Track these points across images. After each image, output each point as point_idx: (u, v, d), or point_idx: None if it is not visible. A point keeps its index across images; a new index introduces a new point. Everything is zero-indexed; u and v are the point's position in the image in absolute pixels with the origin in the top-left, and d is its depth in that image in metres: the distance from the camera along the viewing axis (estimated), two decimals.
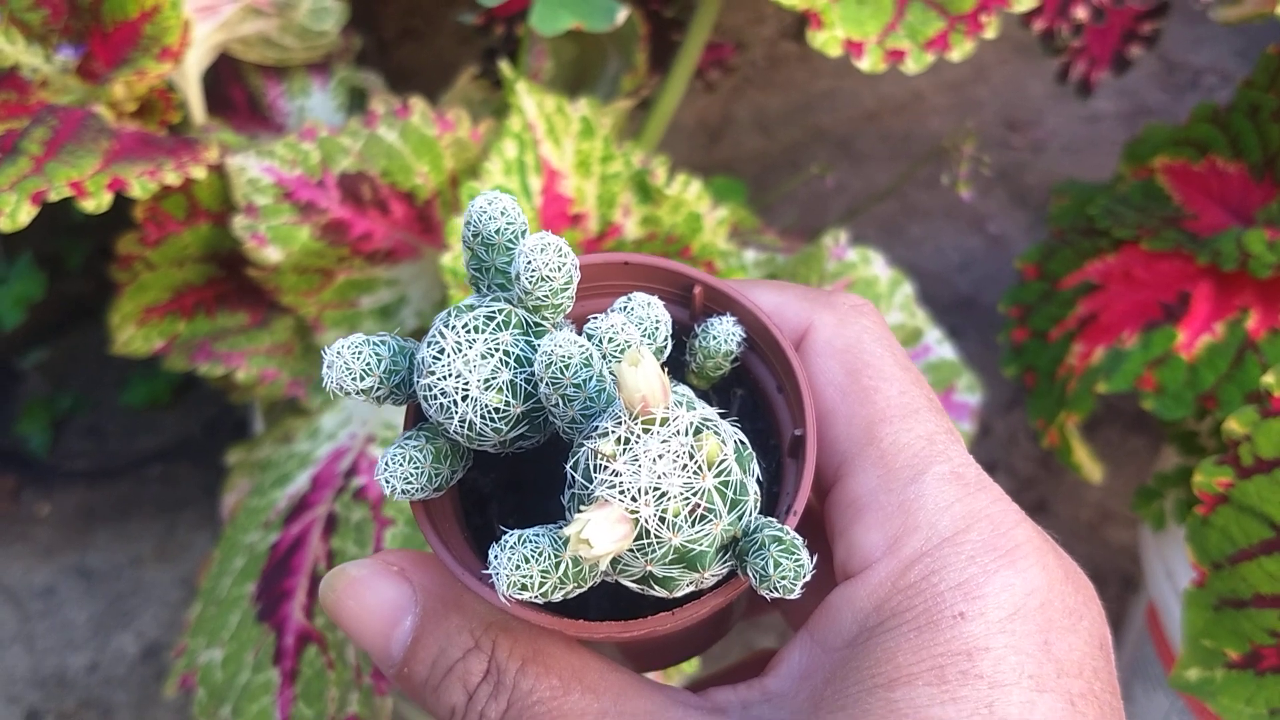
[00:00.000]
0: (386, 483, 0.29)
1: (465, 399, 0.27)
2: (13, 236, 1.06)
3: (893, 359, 0.32)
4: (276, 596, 0.68)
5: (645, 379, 0.25)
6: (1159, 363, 0.73)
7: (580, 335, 0.28)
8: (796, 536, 0.27)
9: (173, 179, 0.61)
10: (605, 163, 0.72)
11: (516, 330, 0.28)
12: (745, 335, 0.33)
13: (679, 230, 0.73)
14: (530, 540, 0.26)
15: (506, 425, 0.28)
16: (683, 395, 0.27)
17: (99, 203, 0.58)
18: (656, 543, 0.26)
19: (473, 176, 0.71)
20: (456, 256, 0.66)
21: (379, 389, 0.29)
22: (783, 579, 0.26)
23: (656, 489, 0.25)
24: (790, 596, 0.26)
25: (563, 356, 0.26)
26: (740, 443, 0.28)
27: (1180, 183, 0.81)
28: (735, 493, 0.27)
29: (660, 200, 0.72)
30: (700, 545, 0.26)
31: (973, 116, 1.37)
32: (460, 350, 0.27)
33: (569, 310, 0.29)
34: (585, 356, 0.26)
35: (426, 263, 0.76)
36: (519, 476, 0.34)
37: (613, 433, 0.26)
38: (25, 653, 1.04)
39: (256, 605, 0.68)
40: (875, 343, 0.33)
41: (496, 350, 0.28)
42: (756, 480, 0.28)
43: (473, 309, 0.28)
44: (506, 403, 0.28)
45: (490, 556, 0.26)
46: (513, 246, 0.29)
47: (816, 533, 0.33)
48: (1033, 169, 1.34)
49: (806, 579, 0.27)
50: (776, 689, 0.31)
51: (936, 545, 0.29)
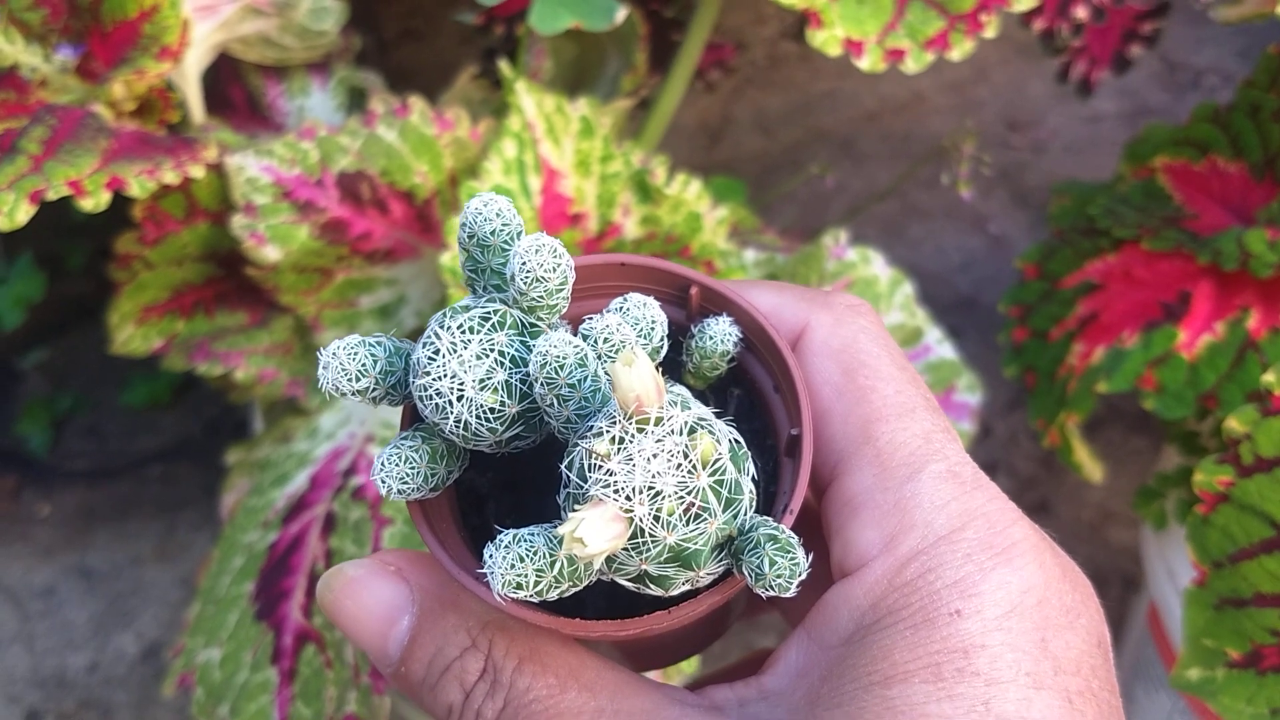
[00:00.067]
0: (383, 483, 0.29)
1: (460, 399, 0.27)
2: (13, 236, 1.06)
3: (889, 358, 0.32)
4: (275, 596, 0.68)
5: (639, 379, 0.25)
6: (1160, 362, 0.73)
7: (576, 336, 0.28)
8: (792, 535, 0.27)
9: (171, 178, 0.61)
10: (605, 162, 0.71)
11: (512, 331, 0.28)
12: (742, 335, 0.33)
13: (679, 230, 0.73)
14: (525, 539, 0.26)
15: (502, 425, 0.28)
16: (678, 395, 0.27)
17: (97, 202, 0.58)
18: (651, 541, 0.26)
19: (472, 176, 0.71)
20: (455, 256, 0.66)
21: (375, 390, 0.29)
22: (778, 577, 0.26)
23: (651, 488, 0.25)
24: (786, 595, 0.27)
25: (557, 357, 0.26)
26: (735, 442, 0.28)
27: (1181, 182, 0.81)
28: (730, 491, 0.27)
29: (660, 200, 0.72)
30: (695, 544, 0.26)
31: (973, 116, 1.37)
32: (455, 351, 0.27)
33: (564, 311, 0.29)
34: (580, 357, 0.26)
35: (426, 262, 0.76)
36: (516, 476, 0.34)
37: (607, 432, 0.26)
38: (25, 653, 1.04)
39: (255, 604, 0.68)
40: (871, 342, 0.33)
41: (492, 351, 0.28)
42: (752, 479, 0.28)
43: (468, 310, 0.28)
44: (502, 403, 0.28)
45: (486, 556, 0.26)
46: (508, 248, 0.29)
47: (813, 531, 0.33)
48: (1033, 169, 1.34)
49: (802, 577, 0.27)
50: (773, 687, 0.31)
51: (933, 543, 0.29)
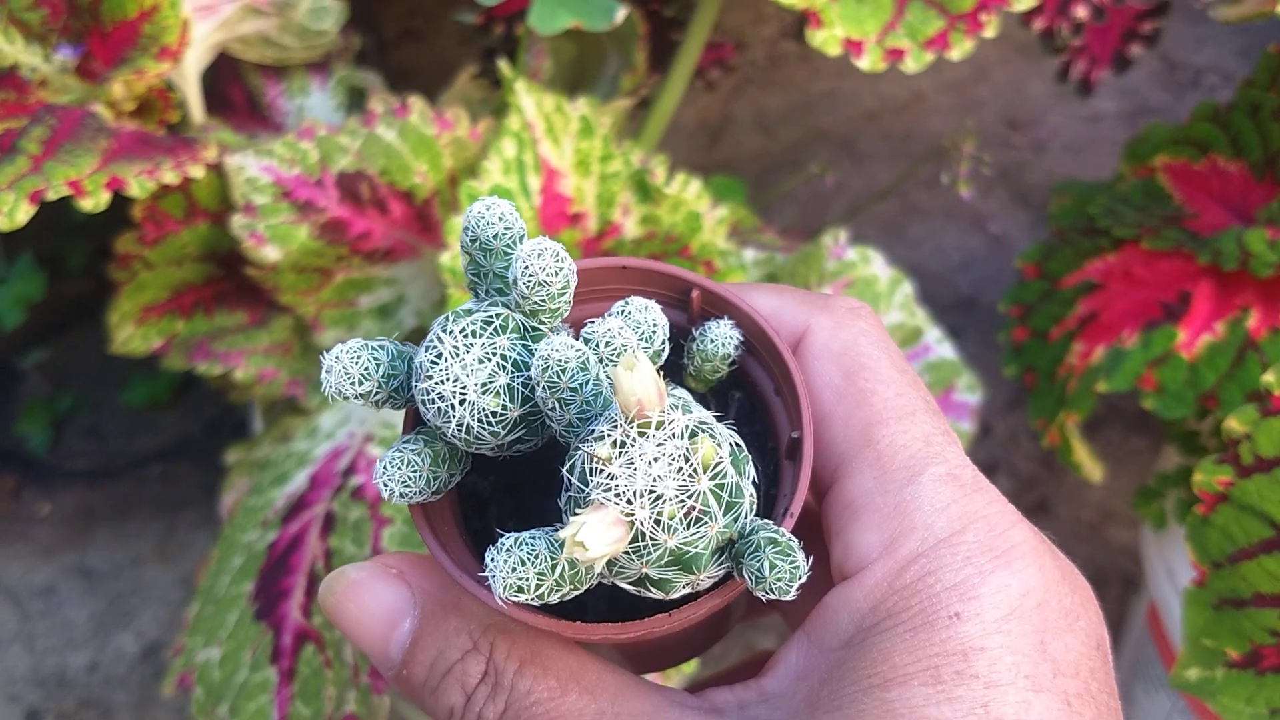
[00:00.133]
0: (385, 486, 0.29)
1: (463, 403, 0.27)
2: (13, 236, 1.06)
3: (889, 361, 0.32)
4: (274, 595, 0.68)
5: (641, 383, 0.25)
6: (1159, 362, 0.73)
7: (577, 339, 0.28)
8: (792, 538, 0.27)
9: (171, 178, 0.61)
10: (604, 162, 0.71)
11: (514, 334, 0.28)
12: (742, 338, 0.33)
13: (678, 229, 0.73)
14: (526, 543, 0.26)
15: (504, 429, 0.28)
16: (679, 399, 0.27)
17: (97, 202, 0.58)
18: (652, 545, 0.26)
19: (471, 176, 0.71)
20: (455, 256, 0.66)
21: (377, 393, 0.29)
22: (778, 581, 0.26)
23: (652, 492, 0.25)
24: (786, 598, 0.27)
25: (559, 360, 0.26)
26: (736, 445, 0.28)
27: (1181, 182, 0.81)
28: (731, 495, 0.27)
29: (660, 199, 0.72)
30: (696, 547, 0.26)
31: (973, 116, 1.37)
32: (458, 355, 0.27)
33: (566, 314, 0.29)
34: (582, 360, 0.26)
35: (425, 262, 0.76)
36: (518, 479, 0.34)
37: (608, 436, 0.26)
38: (25, 652, 1.05)
39: (254, 604, 0.68)
40: (872, 345, 0.33)
41: (494, 354, 0.28)
42: (753, 483, 0.28)
43: (470, 313, 0.28)
44: (504, 406, 0.28)
45: (487, 559, 0.26)
46: (510, 251, 0.29)
47: (814, 534, 0.33)
48: (1034, 168, 1.34)
49: (802, 581, 0.27)
50: (773, 689, 0.31)
51: (933, 546, 0.29)
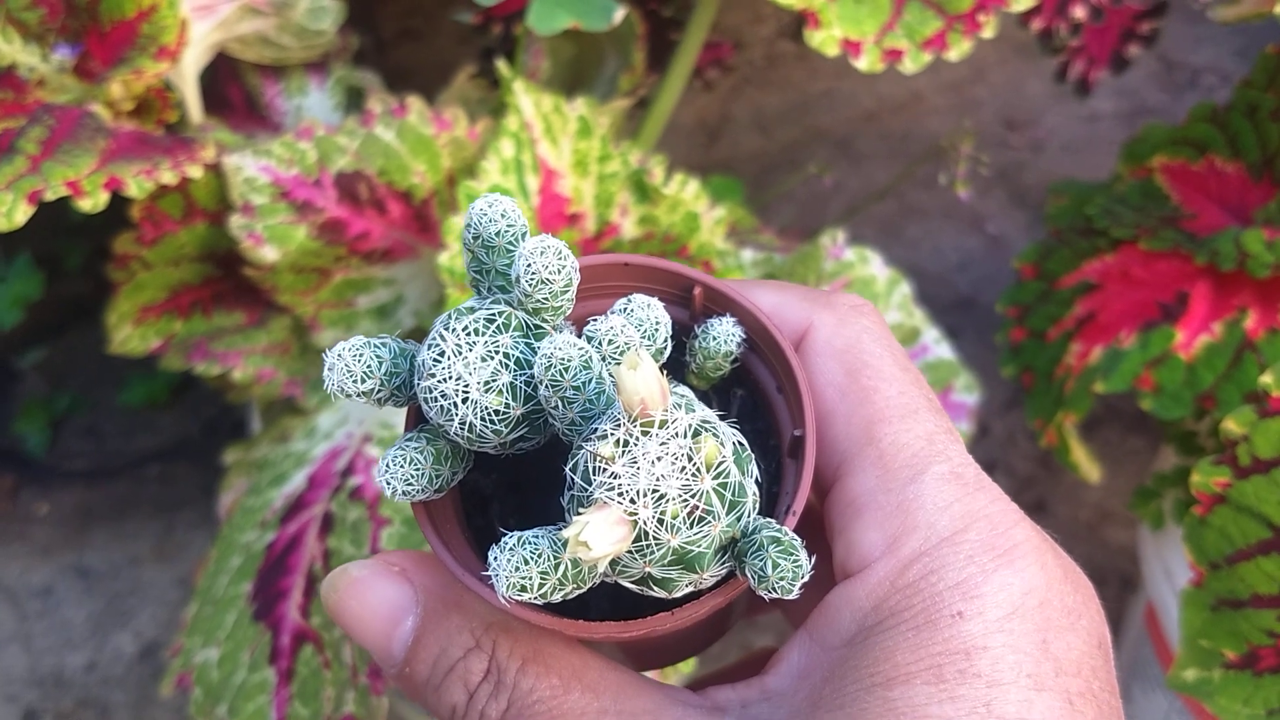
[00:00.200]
0: (387, 484, 0.29)
1: (465, 401, 0.27)
2: (11, 236, 1.06)
3: (892, 359, 0.32)
4: (273, 596, 0.68)
5: (644, 382, 0.25)
6: (1157, 362, 0.73)
7: (580, 337, 0.28)
8: (795, 537, 0.27)
9: (169, 178, 0.61)
10: (603, 162, 0.71)
11: (517, 332, 0.28)
12: (745, 336, 0.33)
13: (676, 230, 0.73)
14: (529, 542, 0.26)
15: (507, 427, 0.28)
16: (682, 397, 0.27)
17: (95, 202, 0.58)
18: (655, 544, 0.26)
19: (470, 176, 0.71)
20: (453, 256, 0.66)
21: (380, 391, 0.29)
22: (781, 580, 0.26)
23: (655, 491, 0.25)
24: (789, 597, 0.27)
25: (562, 359, 0.26)
26: (739, 444, 0.28)
27: (1178, 182, 0.81)
28: (734, 494, 0.27)
29: (658, 200, 0.72)
30: (698, 547, 0.26)
31: (971, 116, 1.37)
32: (460, 353, 0.27)
33: (569, 312, 0.29)
34: (584, 359, 0.26)
35: (423, 262, 0.76)
36: (520, 477, 0.34)
37: (611, 435, 0.26)
38: (23, 652, 1.04)
39: (253, 604, 0.68)
40: (875, 343, 0.33)
41: (497, 353, 0.28)
42: (755, 481, 0.28)
43: (473, 311, 0.28)
44: (506, 405, 0.28)
45: (490, 558, 0.26)
46: (513, 249, 0.29)
47: (816, 532, 0.33)
48: (1031, 168, 1.34)
49: (805, 580, 0.27)
50: (775, 688, 0.31)
51: (935, 545, 0.29)
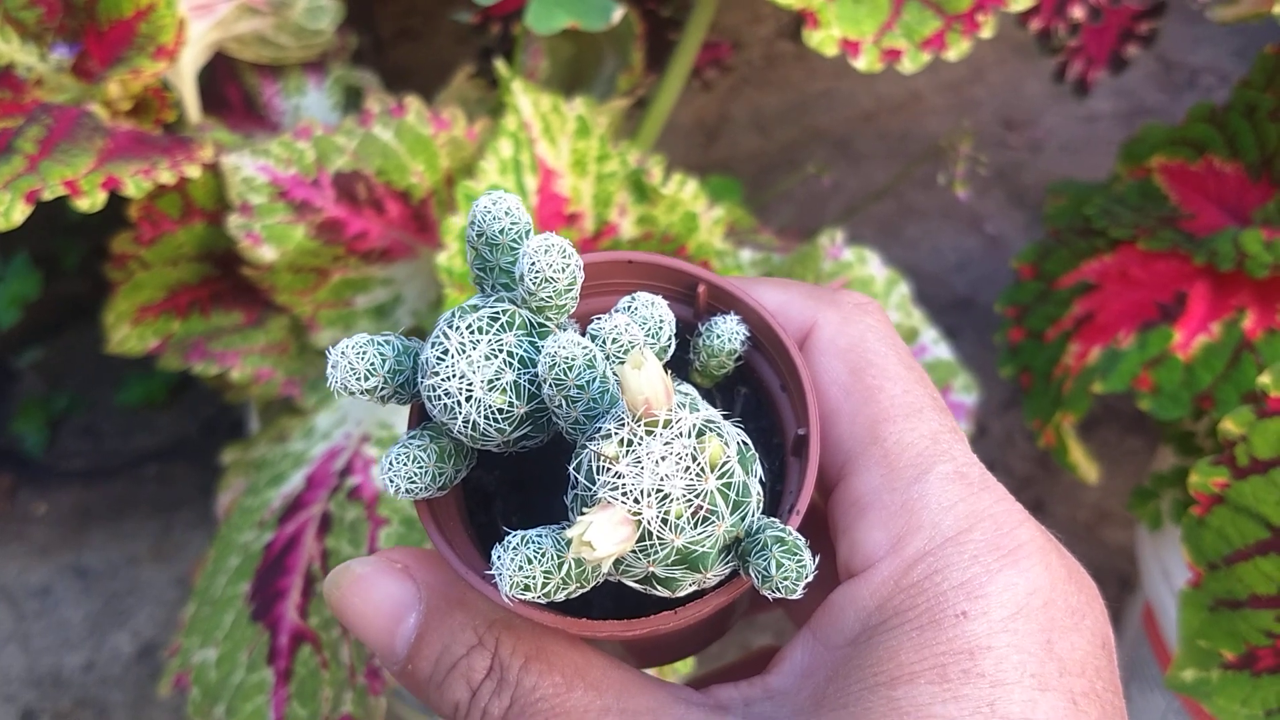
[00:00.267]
0: (390, 482, 0.28)
1: (469, 400, 0.27)
2: (9, 236, 1.05)
3: (897, 358, 0.32)
4: (271, 596, 0.68)
5: (648, 381, 0.25)
6: (1155, 363, 0.73)
7: (584, 335, 0.27)
8: (799, 537, 0.27)
9: (167, 178, 0.61)
10: (601, 162, 0.71)
11: (520, 331, 0.28)
12: (749, 334, 0.32)
13: (675, 230, 0.73)
14: (533, 541, 0.26)
15: (510, 426, 0.28)
16: (686, 396, 0.27)
17: (93, 201, 0.58)
18: (659, 544, 0.26)
19: (468, 176, 0.71)
20: (452, 256, 0.66)
21: (383, 389, 0.29)
22: (785, 580, 0.26)
23: (659, 491, 0.25)
24: (792, 597, 0.26)
25: (566, 358, 0.26)
26: (743, 444, 0.28)
27: (1177, 182, 0.81)
28: (738, 494, 0.27)
29: (656, 199, 0.72)
30: (702, 547, 0.26)
31: (970, 116, 1.37)
32: (464, 351, 0.27)
33: (573, 310, 0.29)
34: (588, 358, 0.26)
35: (422, 262, 0.76)
36: (523, 474, 0.34)
37: (615, 434, 0.26)
38: (21, 652, 1.04)
39: (251, 605, 0.68)
40: (879, 341, 0.33)
41: (500, 351, 0.27)
42: (759, 480, 0.28)
43: (477, 309, 0.28)
44: (510, 404, 0.27)
45: (494, 558, 0.26)
46: (517, 246, 0.29)
47: (820, 530, 0.33)
48: (1030, 169, 1.34)
49: (808, 580, 0.27)
50: (779, 686, 0.31)
51: (939, 545, 0.29)
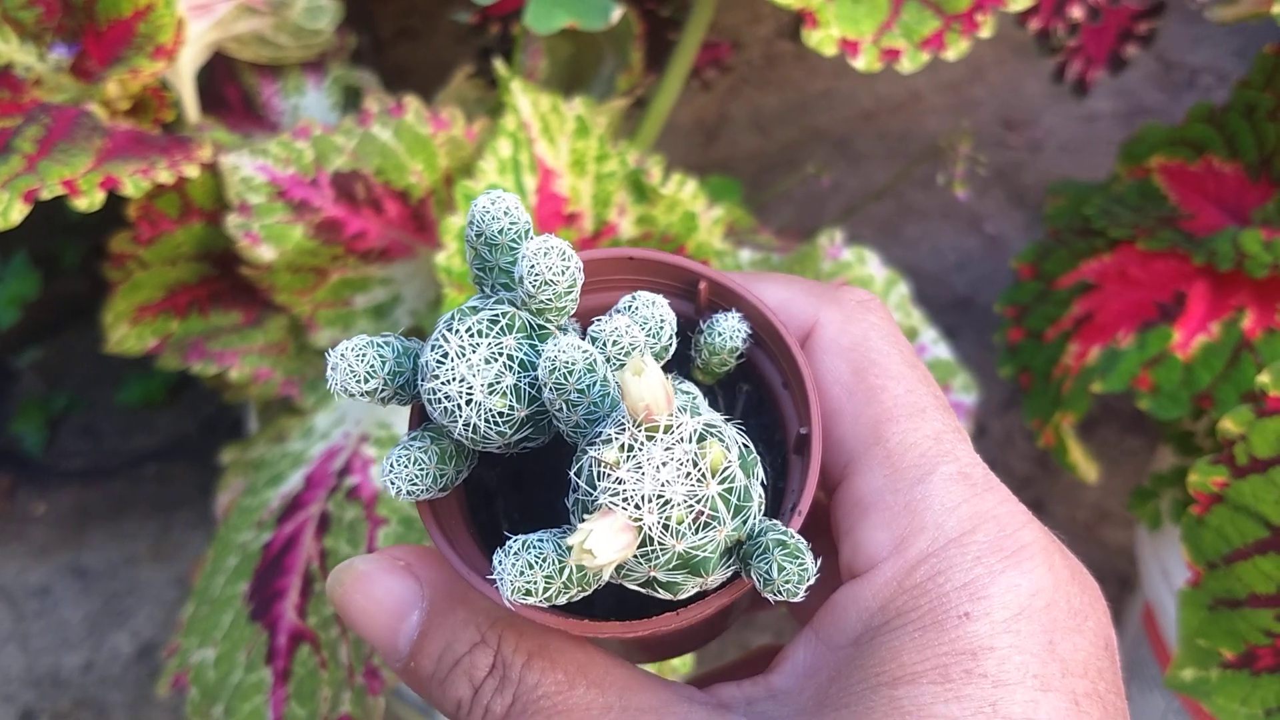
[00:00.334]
0: (391, 484, 0.28)
1: (469, 403, 0.27)
2: (7, 235, 1.05)
3: (900, 357, 0.32)
4: (269, 596, 0.68)
5: (648, 387, 0.25)
6: (1155, 362, 0.73)
7: (584, 338, 0.27)
8: (801, 540, 0.27)
9: (166, 177, 0.61)
10: (600, 162, 0.71)
11: (520, 334, 0.28)
12: (751, 331, 0.32)
13: (674, 229, 0.73)
14: (534, 547, 0.26)
15: (511, 429, 0.28)
16: (687, 395, 0.27)
17: (91, 201, 0.58)
18: (660, 549, 0.26)
19: (467, 175, 0.71)
20: (451, 255, 0.66)
21: (383, 391, 0.29)
22: (786, 583, 0.26)
23: (660, 496, 0.25)
24: (794, 600, 0.26)
25: (566, 362, 0.26)
26: (745, 447, 0.27)
27: (1176, 182, 0.81)
28: (739, 499, 0.26)
29: (655, 199, 0.72)
30: (704, 551, 0.26)
31: (969, 116, 1.37)
32: (464, 354, 0.27)
33: (573, 312, 0.29)
34: (589, 362, 0.26)
35: (421, 262, 0.76)
36: (525, 472, 0.34)
37: (616, 440, 0.26)
38: (20, 652, 1.04)
39: (249, 605, 0.68)
40: (882, 340, 0.32)
41: (500, 354, 0.27)
42: (761, 482, 0.28)
43: (476, 311, 0.28)
44: (510, 407, 0.27)
45: (495, 562, 0.26)
46: (516, 246, 0.29)
47: (822, 529, 0.32)
48: (1030, 168, 1.34)
49: (810, 583, 0.27)
50: (781, 686, 0.31)
51: (943, 546, 0.29)
